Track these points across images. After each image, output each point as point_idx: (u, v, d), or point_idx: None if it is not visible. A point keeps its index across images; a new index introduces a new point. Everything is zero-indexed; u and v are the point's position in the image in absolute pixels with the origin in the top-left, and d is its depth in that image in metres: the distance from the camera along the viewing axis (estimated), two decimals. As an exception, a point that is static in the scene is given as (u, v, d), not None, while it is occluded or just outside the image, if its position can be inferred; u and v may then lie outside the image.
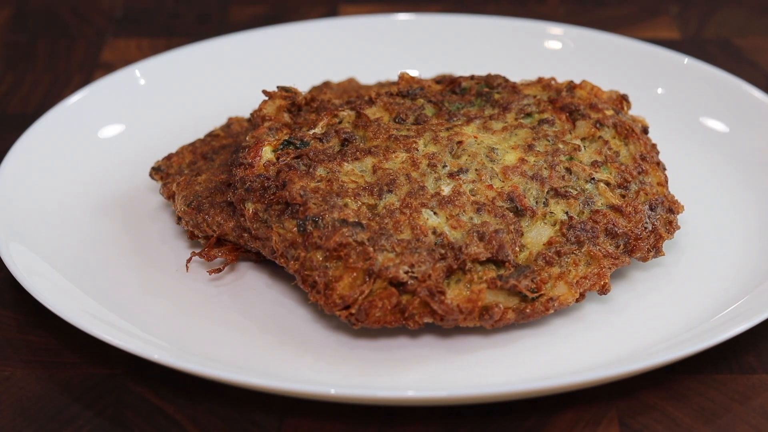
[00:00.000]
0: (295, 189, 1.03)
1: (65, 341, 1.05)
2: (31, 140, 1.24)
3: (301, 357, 1.02)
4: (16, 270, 1.05)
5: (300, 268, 1.01)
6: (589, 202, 1.08)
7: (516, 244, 1.03)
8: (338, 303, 0.98)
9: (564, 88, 1.19)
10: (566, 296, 1.03)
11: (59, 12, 1.66)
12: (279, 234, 1.02)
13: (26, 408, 0.99)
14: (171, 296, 1.09)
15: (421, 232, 1.02)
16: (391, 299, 0.99)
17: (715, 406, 0.99)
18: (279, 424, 0.97)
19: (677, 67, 1.37)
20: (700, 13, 1.63)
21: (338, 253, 0.99)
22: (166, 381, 1.01)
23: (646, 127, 1.18)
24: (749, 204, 1.19)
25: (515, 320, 1.01)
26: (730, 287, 1.08)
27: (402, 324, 1.00)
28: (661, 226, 1.08)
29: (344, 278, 0.99)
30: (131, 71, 1.37)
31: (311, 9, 1.66)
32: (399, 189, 1.05)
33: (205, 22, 1.63)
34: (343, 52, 1.44)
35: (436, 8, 1.65)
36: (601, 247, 1.05)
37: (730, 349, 1.04)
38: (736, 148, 1.26)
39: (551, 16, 1.62)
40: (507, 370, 1.00)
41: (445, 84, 1.20)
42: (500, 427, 0.97)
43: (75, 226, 1.16)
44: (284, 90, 1.15)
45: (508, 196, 1.06)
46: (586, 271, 1.04)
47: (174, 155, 1.21)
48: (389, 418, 0.98)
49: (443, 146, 1.10)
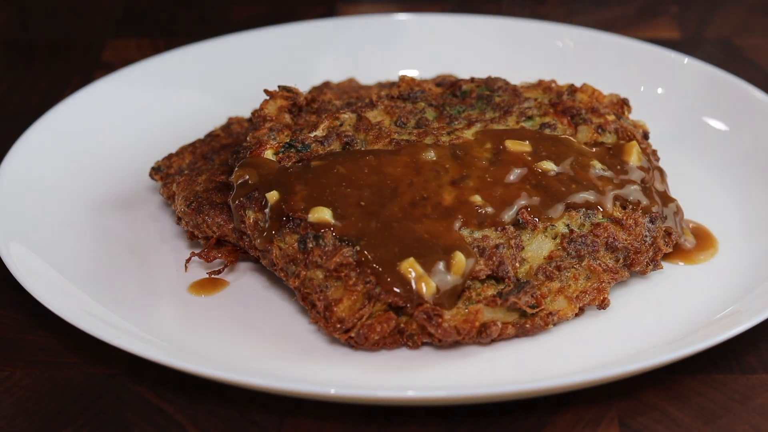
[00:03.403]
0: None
1: (65, 341, 1.05)
2: (31, 140, 1.24)
3: (301, 357, 1.02)
4: (16, 270, 1.05)
5: (300, 285, 1.01)
6: (590, 215, 1.07)
7: (516, 260, 1.04)
8: (338, 327, 0.99)
9: (565, 91, 1.19)
10: (566, 311, 1.03)
11: (59, 12, 1.66)
12: (280, 248, 1.02)
13: (26, 408, 0.99)
14: (171, 296, 1.09)
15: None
16: (389, 323, 0.99)
17: (715, 406, 0.99)
18: (279, 424, 0.97)
19: (677, 67, 1.37)
20: (700, 13, 1.64)
21: (338, 273, 0.99)
22: (166, 381, 1.01)
23: (647, 132, 1.18)
24: (749, 204, 1.19)
25: (515, 335, 1.02)
26: (730, 287, 1.08)
27: (401, 345, 1.00)
28: (660, 239, 1.08)
29: (344, 301, 0.99)
30: (131, 71, 1.37)
31: (311, 9, 1.66)
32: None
33: (205, 22, 1.64)
34: (343, 52, 1.44)
35: (436, 8, 1.65)
36: (600, 261, 1.05)
37: (730, 349, 1.04)
38: (736, 148, 1.26)
39: (551, 16, 1.62)
40: (507, 370, 1.00)
41: (445, 87, 1.20)
42: (500, 427, 0.97)
43: (75, 226, 1.16)
44: (286, 89, 1.15)
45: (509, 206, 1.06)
46: (585, 286, 1.04)
47: (174, 155, 1.21)
48: (389, 418, 0.98)
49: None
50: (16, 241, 1.10)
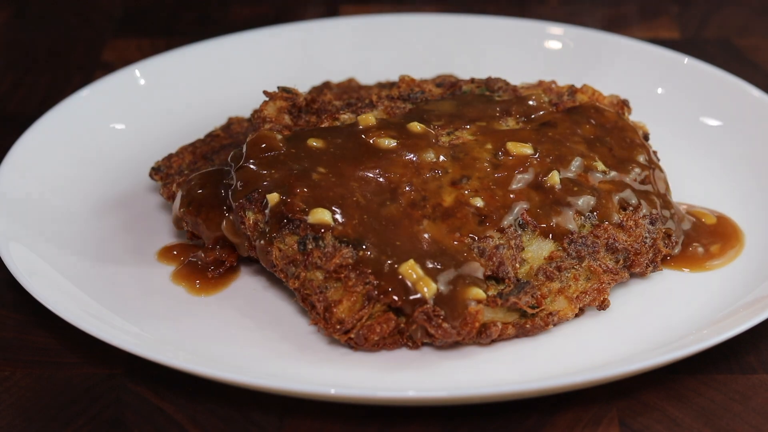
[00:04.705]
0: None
1: (65, 341, 1.05)
2: (31, 140, 1.24)
3: (301, 357, 1.02)
4: (16, 270, 1.05)
5: (300, 287, 1.01)
6: (591, 216, 1.07)
7: (516, 260, 1.04)
8: (338, 328, 0.99)
9: (565, 92, 1.19)
10: (566, 311, 1.03)
11: (59, 12, 1.66)
12: (279, 249, 1.02)
13: (26, 408, 0.99)
14: (171, 296, 1.09)
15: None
16: (389, 323, 0.99)
17: (715, 406, 0.99)
18: (279, 424, 0.97)
19: (677, 67, 1.37)
20: (700, 13, 1.64)
21: (338, 275, 0.99)
22: (166, 381, 1.01)
23: (647, 133, 1.18)
24: (749, 203, 1.19)
25: (515, 336, 1.02)
26: (730, 287, 1.08)
27: (401, 346, 1.00)
28: (660, 241, 1.08)
29: (343, 302, 0.99)
30: (131, 71, 1.37)
31: (311, 9, 1.66)
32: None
33: (205, 22, 1.64)
34: (343, 52, 1.44)
35: (436, 8, 1.65)
36: (601, 262, 1.05)
37: (730, 349, 1.04)
38: (736, 148, 1.26)
39: (551, 16, 1.62)
40: (507, 370, 1.00)
41: (445, 87, 1.20)
42: (500, 427, 0.97)
43: (75, 226, 1.16)
44: (285, 91, 1.15)
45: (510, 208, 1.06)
46: (585, 286, 1.04)
47: (174, 155, 1.21)
48: (389, 418, 0.98)
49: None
50: (16, 241, 1.10)
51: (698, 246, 1.12)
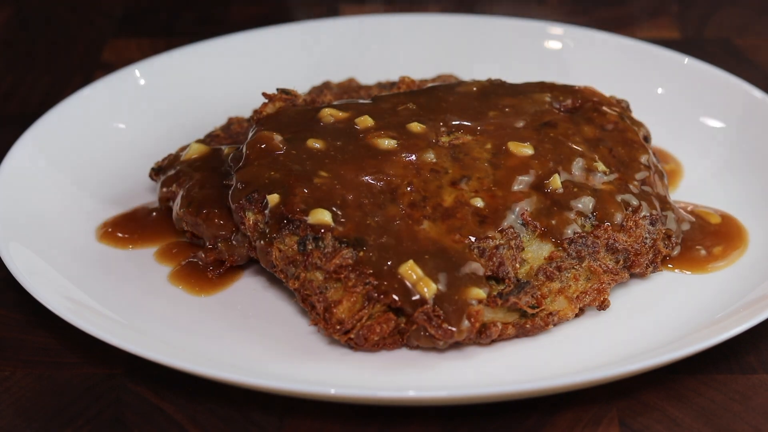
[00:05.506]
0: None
1: (65, 341, 1.05)
2: (31, 140, 1.24)
3: (301, 357, 1.02)
4: (16, 270, 1.05)
5: (300, 287, 1.01)
6: (591, 217, 1.07)
7: (516, 260, 1.04)
8: (338, 328, 0.99)
9: (565, 92, 1.19)
10: (566, 311, 1.03)
11: (59, 12, 1.66)
12: (279, 250, 1.02)
13: (26, 408, 0.99)
14: (171, 296, 1.09)
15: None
16: (389, 324, 0.99)
17: (715, 406, 0.99)
18: (279, 424, 0.97)
19: (677, 67, 1.37)
20: (700, 13, 1.64)
21: (338, 275, 0.99)
22: (166, 381, 1.01)
23: (648, 134, 1.18)
24: (749, 203, 1.19)
25: (515, 336, 1.02)
26: (730, 287, 1.08)
27: (401, 346, 1.00)
28: (660, 242, 1.08)
29: (343, 302, 0.99)
30: (131, 71, 1.37)
31: (311, 9, 1.66)
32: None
33: (205, 22, 1.64)
34: (343, 52, 1.44)
35: (436, 8, 1.65)
36: (601, 263, 1.05)
37: (730, 349, 1.04)
38: (736, 148, 1.26)
39: (551, 16, 1.62)
40: (507, 370, 1.00)
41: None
42: (500, 427, 0.97)
43: (75, 226, 1.16)
44: (284, 92, 1.15)
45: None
46: (585, 286, 1.04)
47: (174, 155, 1.21)
48: (389, 418, 0.98)
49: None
50: (16, 241, 1.10)
51: (701, 249, 1.12)
